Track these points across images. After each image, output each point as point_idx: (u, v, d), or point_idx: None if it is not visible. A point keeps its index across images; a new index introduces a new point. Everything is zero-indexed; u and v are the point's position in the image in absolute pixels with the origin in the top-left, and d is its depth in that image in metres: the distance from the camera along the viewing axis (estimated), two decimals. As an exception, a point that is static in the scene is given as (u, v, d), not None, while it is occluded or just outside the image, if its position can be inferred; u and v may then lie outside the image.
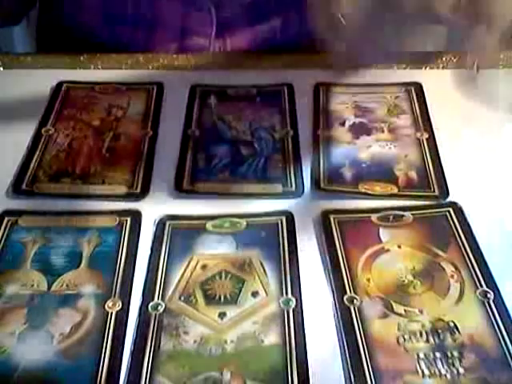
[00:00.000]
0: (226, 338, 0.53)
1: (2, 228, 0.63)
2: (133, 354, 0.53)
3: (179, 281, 0.58)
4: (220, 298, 0.57)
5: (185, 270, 0.59)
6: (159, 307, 0.56)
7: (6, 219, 0.64)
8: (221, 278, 0.58)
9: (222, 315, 0.55)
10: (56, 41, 0.98)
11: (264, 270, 0.59)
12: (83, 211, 0.65)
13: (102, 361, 0.52)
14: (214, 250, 0.61)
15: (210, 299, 0.57)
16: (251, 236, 0.62)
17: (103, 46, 0.88)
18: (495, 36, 0.62)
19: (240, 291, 0.57)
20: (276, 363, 0.52)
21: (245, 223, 0.63)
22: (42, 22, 1.01)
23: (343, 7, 0.63)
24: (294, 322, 0.54)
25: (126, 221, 0.64)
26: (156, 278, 0.58)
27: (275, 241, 0.61)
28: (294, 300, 0.56)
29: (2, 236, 0.62)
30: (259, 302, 0.56)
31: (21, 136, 0.73)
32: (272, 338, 0.53)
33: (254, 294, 0.57)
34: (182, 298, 0.57)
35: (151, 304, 0.56)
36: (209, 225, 0.63)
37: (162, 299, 0.57)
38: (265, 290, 0.57)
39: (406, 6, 0.62)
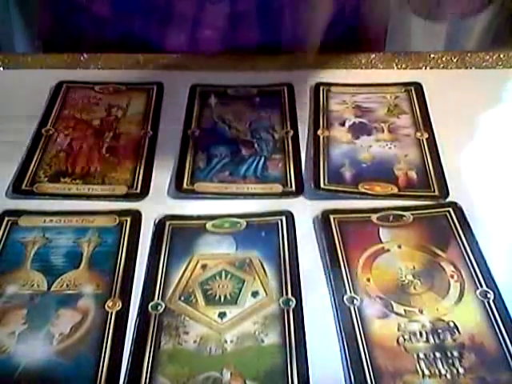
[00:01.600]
0: (225, 338, 0.53)
1: (2, 228, 0.63)
2: (133, 353, 0.53)
3: (179, 281, 0.58)
4: (220, 297, 0.57)
5: (185, 270, 0.59)
6: (159, 307, 0.56)
7: (6, 219, 0.64)
8: (221, 277, 0.58)
9: (221, 315, 0.55)
10: (65, 35, 0.98)
11: (264, 270, 0.59)
12: (83, 211, 0.65)
13: (101, 361, 0.52)
14: (214, 250, 0.61)
15: (210, 299, 0.57)
16: (251, 236, 0.62)
17: (115, 37, 0.88)
18: None
19: (240, 291, 0.57)
20: (276, 363, 0.52)
21: (245, 223, 0.63)
22: (45, 13, 1.01)
23: None
24: (293, 322, 0.54)
25: (126, 221, 0.64)
26: (156, 278, 0.58)
27: (275, 241, 0.61)
28: (293, 300, 0.56)
29: (2, 236, 0.62)
30: (259, 302, 0.56)
31: (21, 136, 0.73)
32: (272, 338, 0.53)
33: (254, 294, 0.57)
34: (182, 298, 0.57)
35: (151, 304, 0.56)
36: (209, 225, 0.63)
37: (162, 299, 0.57)
38: (265, 290, 0.57)
39: None
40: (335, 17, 0.90)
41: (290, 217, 0.63)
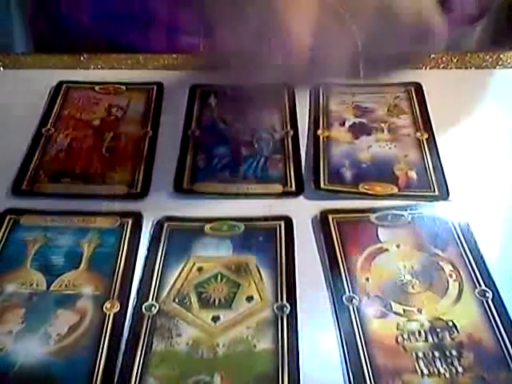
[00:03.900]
0: (218, 342, 0.53)
1: (4, 226, 0.63)
2: (124, 354, 0.53)
3: (174, 282, 0.58)
4: (214, 301, 0.56)
5: (180, 272, 0.59)
6: (153, 308, 0.56)
7: (8, 217, 0.64)
8: (216, 281, 0.58)
9: (215, 319, 0.55)
10: (52, 39, 0.98)
11: (260, 275, 0.58)
12: (85, 212, 0.65)
13: (98, 362, 0.52)
14: (211, 253, 0.61)
15: (205, 302, 0.56)
16: (249, 240, 0.62)
17: (101, 42, 0.88)
18: None
19: (235, 295, 0.57)
20: (267, 369, 0.51)
21: (243, 227, 0.63)
22: (38, 19, 1.01)
23: None
24: (287, 328, 0.54)
25: (127, 222, 0.64)
26: (151, 279, 0.58)
27: (272, 246, 0.61)
28: (288, 306, 0.56)
29: (4, 234, 0.62)
30: (253, 307, 0.56)
31: (21, 136, 0.73)
32: (264, 344, 0.53)
33: (249, 299, 0.57)
34: (177, 300, 0.57)
35: (145, 305, 0.56)
36: (207, 227, 0.63)
37: (156, 300, 0.57)
38: (260, 295, 0.57)
39: None
40: None
41: (288, 222, 0.63)
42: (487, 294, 0.56)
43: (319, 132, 0.74)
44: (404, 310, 0.55)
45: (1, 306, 0.56)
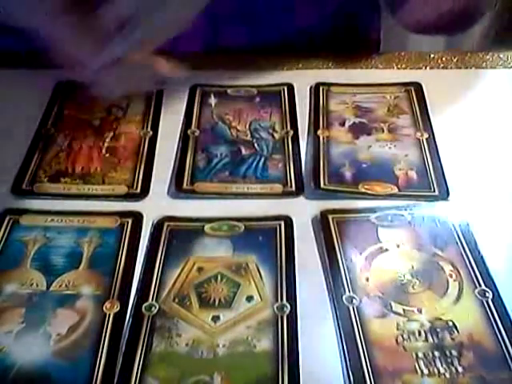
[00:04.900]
0: (218, 342, 0.53)
1: (4, 226, 0.63)
2: (124, 354, 0.53)
3: (174, 282, 0.58)
4: (214, 301, 0.56)
5: (180, 272, 0.59)
6: (153, 308, 0.56)
7: (8, 217, 0.64)
8: (216, 281, 0.58)
9: (215, 319, 0.55)
10: None
11: (260, 275, 0.58)
12: (85, 211, 0.65)
13: (98, 362, 0.52)
14: (212, 253, 0.61)
15: (205, 302, 0.56)
16: (249, 240, 0.62)
17: None
18: None
19: (235, 295, 0.57)
20: (267, 369, 0.51)
21: (243, 227, 0.63)
22: None
23: None
24: (287, 328, 0.54)
25: (127, 222, 0.64)
26: (151, 279, 0.58)
27: (272, 246, 0.61)
28: (288, 306, 0.56)
29: (4, 234, 0.62)
30: (253, 307, 0.56)
31: (21, 136, 0.73)
32: (264, 344, 0.53)
33: (249, 299, 0.57)
34: (177, 300, 0.57)
35: (145, 305, 0.56)
36: (207, 227, 0.63)
37: (156, 300, 0.57)
38: (260, 295, 0.57)
39: None
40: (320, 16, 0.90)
41: (288, 222, 0.63)
42: (487, 294, 0.56)
43: (319, 132, 0.74)
44: (404, 310, 0.55)
45: (1, 306, 0.56)
